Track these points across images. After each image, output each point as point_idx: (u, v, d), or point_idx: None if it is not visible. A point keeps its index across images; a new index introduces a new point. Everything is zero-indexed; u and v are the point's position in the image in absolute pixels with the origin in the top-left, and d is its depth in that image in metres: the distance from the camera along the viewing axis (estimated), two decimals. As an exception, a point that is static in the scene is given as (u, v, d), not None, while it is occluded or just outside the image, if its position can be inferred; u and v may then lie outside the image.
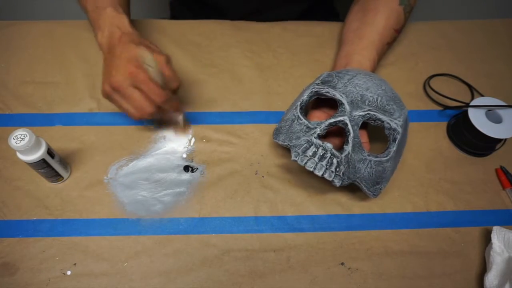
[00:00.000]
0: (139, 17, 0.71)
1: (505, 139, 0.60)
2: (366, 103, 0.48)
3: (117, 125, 0.60)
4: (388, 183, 0.52)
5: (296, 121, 0.51)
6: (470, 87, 0.67)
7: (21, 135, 0.46)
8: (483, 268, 0.50)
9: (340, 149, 0.48)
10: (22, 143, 0.46)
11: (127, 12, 0.59)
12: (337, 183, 0.47)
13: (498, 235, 0.49)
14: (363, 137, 0.51)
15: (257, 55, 0.69)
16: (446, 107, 0.64)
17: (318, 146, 0.47)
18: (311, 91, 0.51)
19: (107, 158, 0.57)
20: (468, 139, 0.58)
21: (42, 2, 1.31)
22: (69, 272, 0.48)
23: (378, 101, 0.49)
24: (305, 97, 0.51)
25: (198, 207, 0.54)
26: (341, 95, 0.49)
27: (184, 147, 0.59)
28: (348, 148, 0.47)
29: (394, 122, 0.49)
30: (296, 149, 0.48)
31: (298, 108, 0.51)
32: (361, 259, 0.51)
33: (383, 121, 0.48)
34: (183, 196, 0.54)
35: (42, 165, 0.49)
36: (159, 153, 0.58)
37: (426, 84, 0.67)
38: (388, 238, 0.53)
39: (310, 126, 0.49)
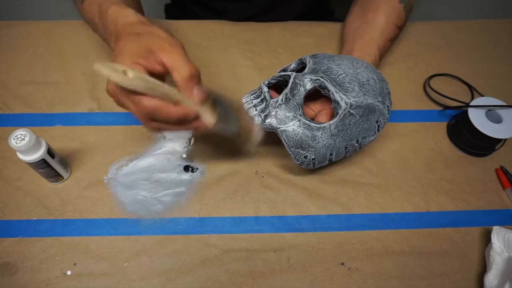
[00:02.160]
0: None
1: (505, 139, 0.60)
2: (326, 73, 0.49)
3: (117, 125, 0.60)
4: (323, 161, 0.51)
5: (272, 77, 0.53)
6: (470, 87, 0.67)
7: (21, 135, 0.46)
8: (483, 268, 0.50)
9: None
10: (22, 143, 0.46)
11: (138, 8, 0.55)
12: (256, 120, 0.49)
13: (498, 235, 0.49)
14: (323, 117, 0.51)
15: (257, 55, 0.69)
16: (446, 107, 0.64)
17: (260, 89, 0.51)
18: (299, 59, 0.54)
19: (107, 158, 0.57)
20: (468, 139, 0.58)
21: (42, 2, 1.31)
22: (69, 272, 0.48)
23: (340, 76, 0.49)
24: (292, 64, 0.54)
25: (198, 207, 0.54)
26: (309, 61, 0.51)
27: (184, 147, 0.59)
28: (280, 97, 0.49)
29: (339, 95, 0.48)
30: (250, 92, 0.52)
31: (281, 69, 0.54)
32: (361, 259, 0.51)
33: (329, 91, 0.49)
34: (183, 196, 0.54)
35: (42, 165, 0.49)
36: (159, 153, 0.58)
37: (426, 84, 0.67)
38: (388, 238, 0.53)
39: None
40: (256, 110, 0.50)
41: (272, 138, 0.59)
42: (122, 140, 0.59)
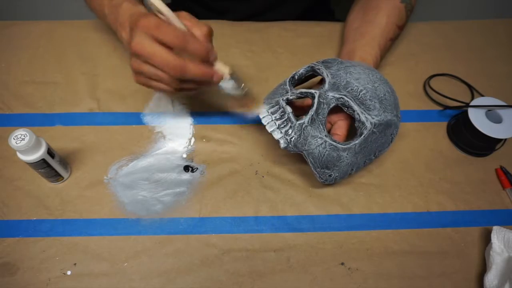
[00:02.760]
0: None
1: (505, 139, 0.60)
2: (347, 90, 0.49)
3: (117, 125, 0.60)
4: (344, 176, 0.52)
5: (282, 85, 0.53)
6: (470, 87, 0.67)
7: (21, 135, 0.46)
8: (483, 268, 0.50)
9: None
10: (22, 143, 0.46)
11: None
12: (282, 144, 0.49)
13: (498, 235, 0.49)
14: (340, 129, 0.51)
15: (257, 55, 0.69)
16: (446, 107, 0.64)
17: (281, 107, 0.50)
18: (309, 66, 0.53)
19: (107, 158, 0.57)
20: (468, 139, 0.58)
21: (42, 2, 1.31)
22: (69, 272, 0.48)
23: (361, 93, 0.49)
24: (301, 70, 0.53)
25: (198, 207, 0.54)
26: (327, 75, 0.50)
27: (184, 147, 0.59)
28: (305, 118, 0.48)
29: (364, 116, 0.48)
30: (265, 106, 0.51)
31: (290, 76, 0.53)
32: (361, 259, 0.51)
33: (354, 111, 0.49)
34: (183, 196, 0.54)
35: (42, 165, 0.49)
36: (159, 153, 0.58)
37: (426, 84, 0.67)
38: (388, 238, 0.53)
39: (287, 91, 0.51)
40: (281, 132, 0.49)
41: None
42: (122, 140, 0.59)
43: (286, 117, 0.49)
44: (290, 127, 0.48)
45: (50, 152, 0.50)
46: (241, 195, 0.55)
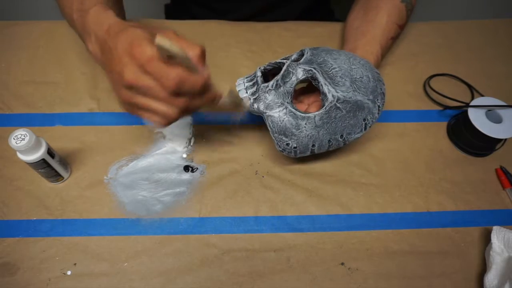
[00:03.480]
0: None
1: (505, 139, 0.60)
2: (320, 65, 0.49)
3: (117, 125, 0.60)
4: (305, 151, 0.51)
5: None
6: (470, 87, 0.67)
7: (21, 135, 0.46)
8: (483, 268, 0.50)
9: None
10: (22, 143, 0.46)
11: (119, 12, 0.53)
12: (245, 101, 0.50)
13: (498, 235, 0.49)
14: (315, 108, 0.51)
15: (257, 55, 0.69)
16: (446, 107, 0.64)
17: (254, 73, 0.51)
18: (300, 50, 0.54)
19: (107, 158, 0.57)
20: (468, 139, 0.58)
21: (43, 2, 1.31)
22: (69, 272, 0.48)
23: (333, 70, 0.49)
24: (294, 54, 0.54)
25: (198, 207, 0.54)
26: (307, 53, 0.51)
27: (184, 147, 0.59)
28: (270, 83, 0.49)
29: (327, 88, 0.49)
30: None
31: (284, 57, 0.53)
32: (361, 259, 0.51)
33: (319, 82, 0.49)
34: (183, 196, 0.54)
35: (42, 165, 0.49)
36: (159, 153, 0.58)
37: (426, 84, 0.67)
38: (388, 238, 0.53)
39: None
40: (246, 92, 0.50)
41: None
42: (122, 140, 0.59)
43: (254, 80, 0.50)
44: (256, 89, 0.50)
45: (50, 152, 0.50)
46: (241, 195, 0.55)
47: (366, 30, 0.61)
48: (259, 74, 0.51)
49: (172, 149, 0.58)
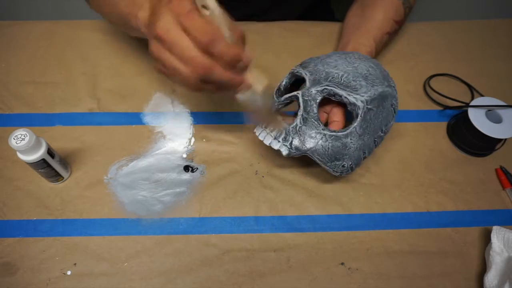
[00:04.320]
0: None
1: (505, 139, 0.60)
2: (328, 80, 0.49)
3: (117, 125, 0.60)
4: (359, 162, 0.51)
5: None
6: (470, 87, 0.67)
7: (21, 135, 0.46)
8: (483, 268, 0.50)
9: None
10: (22, 143, 0.46)
11: None
12: (284, 152, 0.49)
13: (498, 235, 0.49)
14: (337, 115, 0.51)
15: (257, 55, 0.69)
16: (446, 107, 0.64)
17: (274, 119, 0.50)
18: (289, 73, 0.54)
19: (107, 158, 0.57)
20: (468, 139, 0.58)
21: (43, 2, 1.31)
22: (69, 272, 0.48)
23: (342, 78, 0.49)
24: (284, 80, 0.54)
25: (198, 207, 0.54)
26: (305, 73, 0.51)
27: (184, 147, 0.59)
28: (297, 120, 0.49)
29: (352, 97, 0.48)
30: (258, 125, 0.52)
31: (276, 89, 0.54)
32: (361, 259, 0.51)
33: (341, 96, 0.49)
34: (183, 196, 0.54)
35: (42, 165, 0.49)
36: (159, 153, 0.58)
37: (426, 84, 0.67)
38: (388, 238, 0.53)
39: (275, 102, 0.53)
40: (279, 141, 0.49)
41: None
42: (122, 140, 0.59)
43: (280, 129, 0.49)
44: (286, 133, 0.49)
45: (50, 152, 0.50)
46: (241, 195, 0.55)
47: (360, 25, 0.62)
48: (279, 118, 0.50)
49: (172, 149, 0.58)
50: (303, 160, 0.58)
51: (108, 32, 0.70)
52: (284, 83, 0.54)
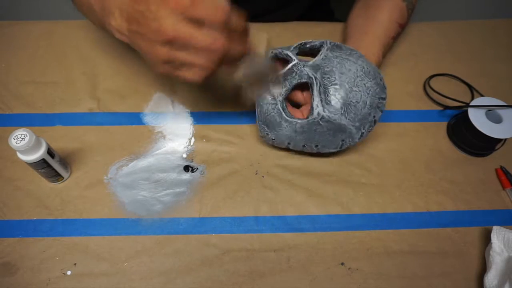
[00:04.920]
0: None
1: (505, 139, 0.60)
2: (323, 76, 0.49)
3: (117, 125, 0.60)
4: (281, 144, 0.54)
5: (290, 47, 0.54)
6: (470, 87, 0.67)
7: (21, 135, 0.46)
8: (483, 268, 0.50)
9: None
10: (22, 143, 0.46)
11: None
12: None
13: (498, 235, 0.49)
14: (305, 109, 0.52)
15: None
16: (446, 107, 0.64)
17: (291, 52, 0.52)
18: (322, 41, 0.53)
19: (107, 158, 0.57)
20: (468, 139, 0.58)
21: (43, 2, 1.31)
22: (69, 272, 0.48)
23: (333, 85, 0.49)
24: (315, 41, 0.53)
25: (198, 207, 0.54)
26: (321, 55, 0.51)
27: (184, 147, 0.59)
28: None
29: (316, 104, 0.49)
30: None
31: (303, 42, 0.53)
32: (361, 259, 0.51)
33: (312, 94, 0.49)
34: (183, 196, 0.54)
35: (42, 165, 0.49)
36: (159, 153, 0.58)
37: (426, 84, 0.67)
38: (388, 238, 0.53)
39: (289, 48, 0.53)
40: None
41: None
42: (122, 140, 0.59)
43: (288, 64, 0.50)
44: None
45: (50, 152, 0.50)
46: (241, 195, 0.55)
47: (368, 30, 0.62)
48: (295, 56, 0.50)
49: (172, 149, 0.58)
50: (303, 160, 0.58)
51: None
52: (313, 43, 0.53)
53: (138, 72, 0.66)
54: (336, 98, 0.49)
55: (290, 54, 0.51)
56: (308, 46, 0.54)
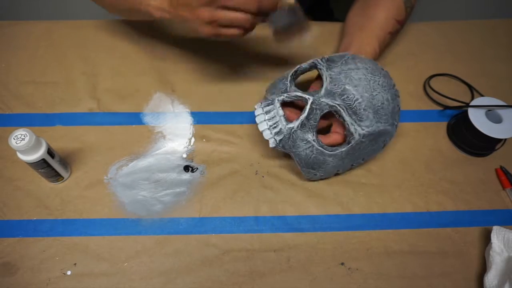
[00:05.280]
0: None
1: (505, 139, 0.60)
2: (342, 97, 0.49)
3: (117, 125, 0.60)
4: (329, 176, 0.55)
5: (283, 80, 0.53)
6: (470, 87, 0.67)
7: (21, 135, 0.46)
8: (483, 268, 0.50)
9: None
10: (22, 143, 0.46)
11: None
12: (271, 144, 0.50)
13: (498, 235, 0.49)
14: (339, 128, 0.52)
15: (258, 55, 0.69)
16: (446, 107, 0.64)
17: (275, 108, 0.50)
18: (312, 61, 0.53)
19: (107, 158, 0.57)
20: (468, 139, 0.58)
21: (42, 2, 1.31)
22: (69, 272, 0.48)
23: (356, 102, 0.48)
24: (304, 65, 0.53)
25: (198, 207, 0.54)
26: (326, 78, 0.50)
27: (184, 147, 0.59)
28: (296, 123, 0.49)
29: (354, 127, 0.49)
30: (262, 102, 0.51)
31: (293, 70, 0.53)
32: (361, 259, 0.51)
33: (344, 121, 0.50)
34: (183, 196, 0.54)
35: (42, 165, 0.49)
36: (159, 153, 0.58)
37: (426, 84, 0.67)
38: (388, 238, 0.53)
39: (287, 89, 0.52)
40: (271, 133, 0.50)
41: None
42: (122, 140, 0.59)
43: (277, 119, 0.49)
44: (280, 129, 0.49)
45: (50, 152, 0.50)
46: (241, 195, 0.55)
47: (363, 25, 0.62)
48: (281, 113, 0.49)
49: (172, 149, 0.58)
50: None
51: (108, 32, 0.70)
52: (303, 67, 0.53)
53: (138, 72, 0.66)
54: (365, 112, 0.49)
55: (301, 94, 0.49)
56: (299, 72, 0.54)
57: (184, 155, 0.58)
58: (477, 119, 0.57)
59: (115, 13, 0.60)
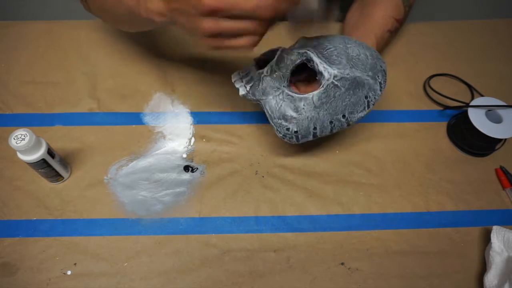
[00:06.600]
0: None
1: (505, 139, 0.60)
2: (314, 47, 0.48)
3: (117, 125, 0.60)
4: (307, 134, 0.50)
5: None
6: (470, 87, 0.67)
7: (21, 135, 0.46)
8: (483, 268, 0.50)
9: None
10: (22, 143, 0.46)
11: None
12: (241, 91, 0.51)
13: (498, 235, 0.49)
14: (310, 87, 0.50)
15: (258, 55, 0.69)
16: (446, 107, 0.64)
17: (250, 64, 0.51)
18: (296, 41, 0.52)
19: (107, 158, 0.57)
20: (468, 139, 0.58)
21: (42, 2, 1.31)
22: (69, 272, 0.48)
23: (328, 50, 0.48)
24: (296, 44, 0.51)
25: (198, 207, 0.54)
26: (303, 39, 0.50)
27: (184, 147, 0.59)
28: (264, 69, 0.49)
29: (323, 66, 0.47)
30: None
31: (273, 48, 0.51)
32: (361, 259, 0.51)
33: (314, 62, 0.48)
34: (183, 196, 0.54)
35: (42, 165, 0.49)
36: (159, 153, 0.58)
37: (426, 84, 0.67)
38: (388, 238, 0.53)
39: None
40: (242, 81, 0.50)
41: (273, 139, 0.59)
42: (122, 140, 0.59)
43: (249, 70, 0.50)
44: (251, 77, 0.50)
45: (50, 152, 0.50)
46: (241, 195, 0.55)
47: (361, 23, 0.63)
48: (253, 63, 0.51)
49: (172, 149, 0.58)
50: (303, 160, 0.58)
51: (108, 32, 0.70)
52: (296, 45, 0.51)
53: (138, 72, 0.66)
54: (337, 56, 0.48)
55: (274, 48, 0.50)
56: (274, 48, 0.52)
57: (184, 155, 0.58)
58: (477, 119, 0.57)
59: (115, 25, 0.58)
